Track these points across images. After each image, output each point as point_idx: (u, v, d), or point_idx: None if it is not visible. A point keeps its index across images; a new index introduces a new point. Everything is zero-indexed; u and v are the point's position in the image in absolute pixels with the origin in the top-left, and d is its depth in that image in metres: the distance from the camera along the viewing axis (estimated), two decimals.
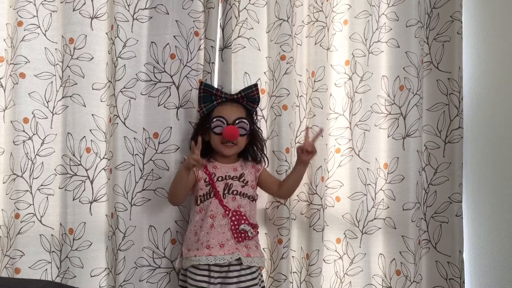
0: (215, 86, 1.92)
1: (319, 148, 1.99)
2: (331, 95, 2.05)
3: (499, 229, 2.01)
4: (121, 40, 1.83)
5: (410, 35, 1.95)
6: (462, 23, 1.99)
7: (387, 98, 1.99)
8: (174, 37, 1.89)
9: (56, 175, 1.84)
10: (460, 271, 1.95)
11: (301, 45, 2.05)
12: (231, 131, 1.72)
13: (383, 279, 1.98)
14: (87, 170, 1.85)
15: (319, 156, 1.99)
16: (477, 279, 2.04)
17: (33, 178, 1.79)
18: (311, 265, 1.97)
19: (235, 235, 1.70)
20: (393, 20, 1.98)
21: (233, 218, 1.72)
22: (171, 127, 1.88)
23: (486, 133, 2.04)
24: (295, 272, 2.03)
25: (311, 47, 2.04)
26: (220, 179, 1.76)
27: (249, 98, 1.81)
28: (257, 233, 1.77)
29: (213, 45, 1.89)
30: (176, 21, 1.90)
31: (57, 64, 1.85)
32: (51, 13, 1.83)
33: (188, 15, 1.91)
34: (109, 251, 1.86)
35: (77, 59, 1.84)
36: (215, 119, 1.75)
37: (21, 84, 1.78)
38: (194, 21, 1.92)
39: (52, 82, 1.84)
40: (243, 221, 1.72)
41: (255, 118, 1.87)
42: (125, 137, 1.83)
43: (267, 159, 1.90)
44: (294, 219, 2.01)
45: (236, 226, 1.71)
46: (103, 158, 1.88)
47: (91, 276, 1.85)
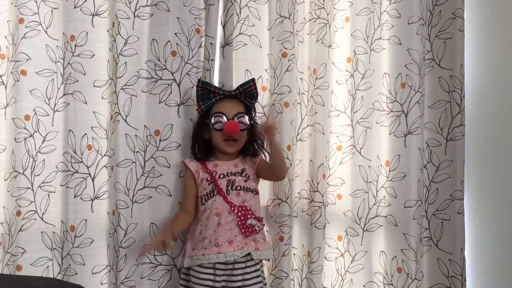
0: (216, 83, 1.91)
1: (320, 145, 2.00)
2: (332, 92, 2.04)
3: (501, 226, 2.01)
4: (122, 37, 1.83)
5: (412, 32, 1.94)
6: (464, 20, 1.99)
7: (388, 95, 1.99)
8: (175, 34, 1.89)
9: (57, 172, 1.84)
10: (461, 268, 1.95)
11: (302, 42, 2.04)
12: (232, 125, 1.71)
13: (384, 277, 1.98)
14: (88, 167, 1.85)
15: (321, 153, 1.99)
16: (479, 277, 2.04)
17: (35, 175, 1.79)
18: (312, 263, 1.97)
19: (242, 230, 1.70)
20: (395, 17, 1.98)
21: (239, 213, 1.71)
22: (172, 125, 1.87)
23: (487, 131, 2.04)
24: (297, 269, 2.03)
25: (312, 45, 2.04)
26: (222, 176, 1.75)
27: (247, 93, 1.80)
28: (263, 225, 1.77)
29: (212, 42, 1.89)
30: (177, 18, 1.89)
31: (58, 61, 1.84)
32: (52, 10, 1.83)
33: (189, 12, 1.91)
34: (110, 248, 1.86)
35: (78, 56, 1.83)
36: (214, 115, 1.75)
37: (22, 81, 1.78)
38: (195, 18, 1.91)
39: (53, 79, 1.83)
40: (249, 216, 1.71)
41: (254, 114, 1.86)
42: (126, 134, 1.83)
43: (268, 153, 1.88)
44: (295, 217, 2.02)
45: (243, 221, 1.70)
46: (104, 155, 1.88)
47: (93, 273, 1.85)
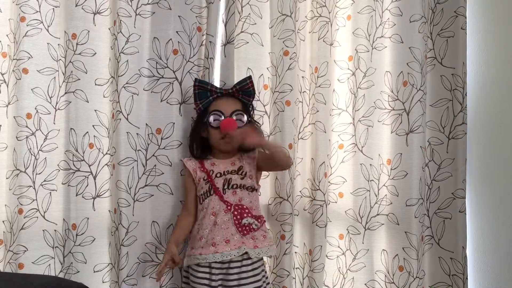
0: (217, 82, 1.91)
1: (322, 143, 2.00)
2: (334, 90, 2.04)
3: (503, 225, 2.01)
4: (124, 35, 1.83)
5: (413, 31, 1.94)
6: (466, 18, 1.99)
7: (390, 93, 1.98)
8: (176, 32, 1.89)
9: (59, 170, 1.84)
10: (463, 267, 1.95)
11: (304, 40, 2.04)
12: (229, 123, 1.71)
13: (386, 275, 1.98)
14: (90, 165, 1.85)
15: (322, 152, 1.99)
16: (480, 275, 2.04)
17: (36, 173, 1.79)
18: (314, 261, 1.97)
19: (239, 229, 1.69)
20: (396, 15, 1.97)
21: (235, 212, 1.70)
22: (173, 123, 1.87)
23: (489, 129, 2.04)
24: (298, 268, 2.03)
25: (314, 43, 2.04)
26: (218, 175, 1.75)
27: (244, 91, 1.79)
28: (263, 222, 1.75)
29: (211, 40, 1.88)
30: (178, 16, 1.89)
31: (60, 59, 1.84)
32: (53, 9, 1.83)
33: (190, 10, 1.91)
34: (112, 247, 1.86)
35: (79, 54, 1.83)
36: (212, 113, 1.74)
37: (24, 79, 1.78)
38: (196, 16, 1.91)
39: (55, 77, 1.83)
40: (245, 215, 1.70)
41: (252, 112, 1.85)
42: (128, 132, 1.83)
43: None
44: (297, 215, 2.01)
45: (239, 220, 1.69)
46: (106, 153, 1.88)
47: (94, 271, 1.86)
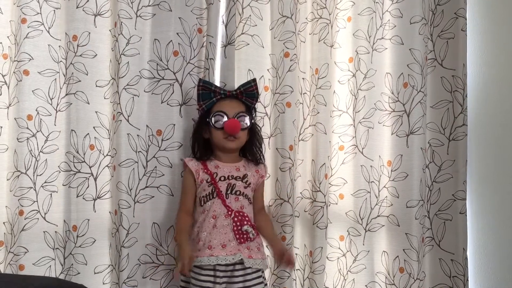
0: (218, 83, 1.91)
1: (322, 145, 2.00)
2: (334, 92, 2.04)
3: (503, 226, 2.01)
4: (125, 37, 1.83)
5: (414, 32, 1.94)
6: (466, 20, 1.99)
7: (391, 95, 1.98)
8: (177, 34, 1.89)
9: (59, 172, 1.84)
10: (463, 268, 1.95)
11: (304, 42, 2.04)
12: (233, 124, 1.70)
13: (386, 277, 1.98)
14: (90, 167, 1.85)
15: (323, 153, 1.99)
16: (481, 277, 2.04)
17: (37, 175, 1.79)
18: (314, 263, 1.97)
19: (237, 236, 1.67)
20: (397, 17, 1.98)
21: (236, 218, 1.69)
22: (174, 124, 1.88)
23: (490, 131, 2.04)
24: (299, 269, 2.03)
25: (314, 44, 2.04)
26: (222, 179, 1.73)
27: (248, 93, 1.78)
28: (258, 234, 1.74)
29: (211, 41, 1.88)
30: (179, 18, 1.89)
31: (61, 61, 1.84)
32: (54, 10, 1.83)
33: (191, 12, 1.91)
34: (112, 248, 1.86)
35: (80, 56, 1.84)
36: (215, 114, 1.73)
37: (25, 81, 1.78)
38: (197, 18, 1.91)
39: (55, 79, 1.84)
40: (245, 222, 1.69)
41: (254, 115, 1.85)
42: (128, 134, 1.83)
43: (264, 158, 1.85)
44: (297, 217, 2.01)
45: (238, 227, 1.68)
46: (107, 155, 1.88)
47: (95, 273, 1.86)
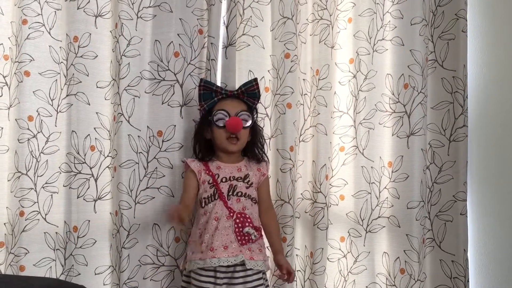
0: (219, 83, 1.91)
1: (323, 146, 2.00)
2: (335, 93, 2.04)
3: (504, 227, 2.00)
4: (125, 38, 1.83)
5: (414, 33, 1.94)
6: (467, 21, 1.99)
7: (391, 96, 1.98)
8: (178, 35, 1.89)
9: (60, 173, 1.84)
10: (464, 269, 1.94)
11: (305, 43, 2.04)
12: (234, 122, 1.70)
13: (387, 278, 1.98)
14: (91, 168, 1.85)
15: (323, 154, 1.99)
16: (482, 278, 2.03)
17: (38, 176, 1.80)
18: (315, 264, 1.96)
19: (238, 237, 1.67)
20: (397, 18, 1.98)
21: (237, 220, 1.68)
22: (175, 125, 1.88)
23: (490, 132, 2.04)
24: (299, 270, 2.03)
25: (315, 45, 2.04)
26: (224, 180, 1.73)
27: (249, 93, 1.78)
28: (261, 235, 1.74)
29: (213, 41, 1.89)
30: (180, 19, 1.90)
31: (62, 62, 1.85)
32: (55, 11, 1.84)
33: (192, 13, 1.91)
34: (113, 249, 1.86)
35: (81, 57, 1.84)
36: (217, 113, 1.73)
37: (26, 82, 1.78)
38: (197, 19, 1.92)
39: (56, 80, 1.84)
40: (247, 224, 1.69)
41: (256, 115, 1.85)
42: (129, 135, 1.83)
43: (267, 158, 1.86)
44: (298, 218, 2.01)
45: (240, 228, 1.68)
46: (107, 156, 1.88)
47: (95, 273, 1.86)
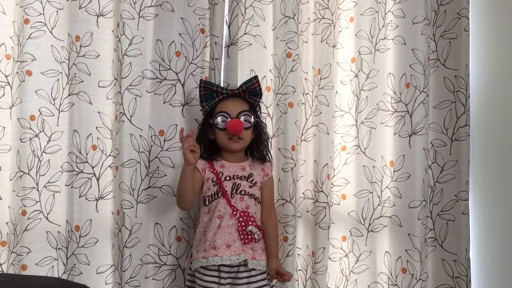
0: (221, 83, 1.92)
1: (325, 145, 1.99)
2: (337, 92, 2.04)
3: (506, 227, 2.00)
4: (127, 37, 1.83)
5: (416, 32, 1.94)
6: (469, 20, 1.98)
7: (393, 95, 1.98)
8: (179, 34, 1.89)
9: (62, 172, 1.84)
10: (466, 269, 1.94)
11: (307, 42, 2.04)
12: (235, 124, 1.70)
13: (388, 277, 1.98)
14: (93, 167, 1.86)
15: (325, 154, 1.99)
16: (484, 278, 2.03)
17: (40, 175, 1.80)
18: (316, 263, 1.96)
19: (241, 236, 1.67)
20: (399, 17, 1.97)
21: (241, 219, 1.68)
22: (176, 125, 1.88)
23: (493, 131, 2.03)
24: (301, 269, 2.03)
25: (317, 45, 2.04)
26: (228, 179, 1.73)
27: (250, 91, 1.78)
28: (263, 236, 1.74)
29: (217, 41, 1.89)
30: (181, 18, 1.90)
31: (64, 61, 1.85)
32: (57, 11, 1.84)
33: (193, 12, 1.91)
34: (115, 248, 1.86)
35: (83, 56, 1.84)
36: (218, 115, 1.73)
37: (28, 81, 1.79)
38: (199, 18, 1.92)
39: (58, 79, 1.84)
40: (250, 222, 1.69)
41: (259, 113, 1.85)
42: (131, 134, 1.83)
43: (271, 155, 1.87)
44: (300, 217, 2.01)
45: (243, 227, 1.68)
46: (109, 155, 1.88)
47: (97, 273, 1.86)
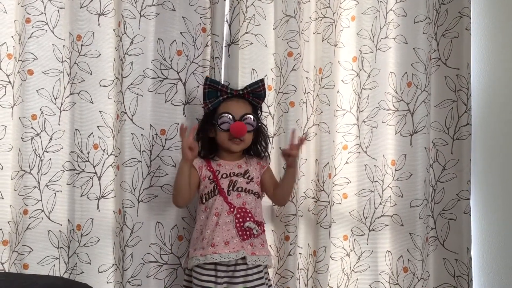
0: (222, 82, 1.91)
1: (326, 144, 1.99)
2: (338, 91, 2.04)
3: (507, 226, 2.00)
4: (128, 37, 1.83)
5: (418, 31, 1.94)
6: (470, 19, 1.98)
7: (394, 94, 1.98)
8: (181, 33, 1.89)
9: (64, 171, 1.84)
10: (468, 268, 1.94)
11: (308, 41, 2.04)
12: (239, 127, 1.69)
13: (390, 276, 1.98)
14: (94, 166, 1.86)
15: (327, 153, 1.99)
16: (485, 277, 2.03)
17: (41, 174, 1.80)
18: (318, 262, 1.97)
19: (240, 232, 1.67)
20: (401, 16, 1.97)
21: (238, 215, 1.68)
22: (178, 124, 1.88)
23: (494, 130, 2.03)
24: (302, 268, 2.03)
25: (318, 44, 2.04)
26: (224, 176, 1.73)
27: (255, 93, 1.77)
28: (263, 231, 1.73)
29: (217, 40, 1.89)
30: (183, 17, 1.90)
31: (65, 61, 1.85)
32: (58, 10, 1.84)
33: (195, 11, 1.91)
34: (116, 247, 1.86)
35: (84, 56, 1.84)
36: (221, 116, 1.72)
37: (29, 81, 1.79)
38: (201, 17, 1.92)
39: (59, 78, 1.84)
40: (248, 218, 1.68)
41: (260, 114, 1.85)
42: (132, 133, 1.83)
43: (269, 157, 1.86)
44: (301, 216, 2.01)
45: (241, 223, 1.67)
46: (111, 154, 1.88)
47: (99, 272, 1.86)
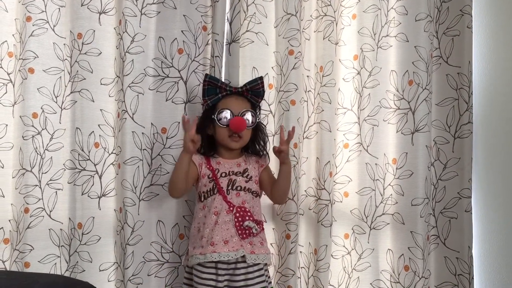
0: (222, 80, 1.91)
1: (327, 143, 1.99)
2: (339, 90, 2.04)
3: (508, 224, 2.00)
4: (129, 35, 1.83)
5: (419, 29, 1.93)
6: (472, 17, 1.98)
7: (396, 93, 1.98)
8: (182, 32, 1.89)
9: (65, 170, 1.84)
10: (469, 267, 1.94)
11: (309, 39, 2.04)
12: (238, 122, 1.69)
13: (391, 275, 1.98)
14: (95, 165, 1.86)
15: (328, 151, 1.99)
16: (486, 275, 2.03)
17: (42, 173, 1.80)
18: (319, 260, 1.96)
19: (239, 231, 1.67)
20: (402, 14, 1.97)
21: (237, 214, 1.68)
22: (179, 122, 1.88)
23: (496, 128, 2.03)
24: (303, 267, 2.03)
25: (319, 42, 2.03)
26: (223, 175, 1.73)
27: (254, 91, 1.78)
28: (262, 229, 1.74)
29: (217, 38, 1.88)
30: (184, 15, 1.89)
31: (66, 59, 1.85)
32: (59, 8, 1.84)
33: (196, 9, 1.91)
34: (117, 246, 1.86)
35: (85, 54, 1.84)
36: (220, 111, 1.72)
37: (30, 79, 1.79)
38: (202, 16, 1.92)
39: (60, 77, 1.84)
40: (247, 217, 1.68)
41: (258, 113, 1.84)
42: (133, 132, 1.83)
43: (268, 156, 1.85)
44: (302, 214, 2.01)
45: (240, 222, 1.67)
46: (112, 153, 1.88)
47: (100, 270, 1.86)
